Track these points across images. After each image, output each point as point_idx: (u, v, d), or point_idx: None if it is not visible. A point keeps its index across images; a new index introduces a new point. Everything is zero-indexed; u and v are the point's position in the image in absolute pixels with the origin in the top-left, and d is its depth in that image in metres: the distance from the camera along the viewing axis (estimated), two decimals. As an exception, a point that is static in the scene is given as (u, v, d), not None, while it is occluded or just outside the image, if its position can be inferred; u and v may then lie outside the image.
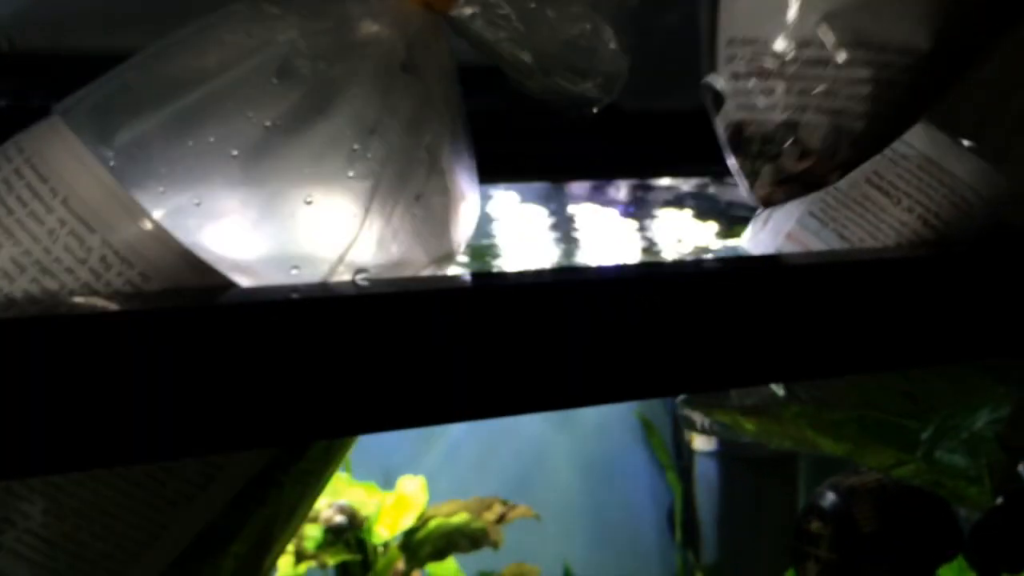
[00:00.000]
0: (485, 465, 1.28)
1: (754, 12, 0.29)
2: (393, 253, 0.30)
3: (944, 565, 0.89)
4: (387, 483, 0.97)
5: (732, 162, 0.28)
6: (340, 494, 0.89)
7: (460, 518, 0.87)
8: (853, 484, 0.84)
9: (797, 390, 0.58)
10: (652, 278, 0.43)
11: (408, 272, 0.32)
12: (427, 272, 0.34)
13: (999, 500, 0.94)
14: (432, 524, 0.87)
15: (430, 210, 0.31)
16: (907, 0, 0.28)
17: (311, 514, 0.85)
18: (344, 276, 0.30)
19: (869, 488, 0.84)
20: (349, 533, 0.84)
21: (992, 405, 0.62)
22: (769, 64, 0.28)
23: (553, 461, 1.37)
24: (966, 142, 0.50)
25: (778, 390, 0.57)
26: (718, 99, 0.29)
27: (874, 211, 0.55)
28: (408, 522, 0.87)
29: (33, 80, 0.58)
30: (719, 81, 0.29)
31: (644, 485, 1.41)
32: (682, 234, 0.87)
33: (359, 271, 0.30)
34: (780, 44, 0.28)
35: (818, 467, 1.25)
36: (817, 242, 0.58)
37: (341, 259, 0.29)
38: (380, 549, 0.88)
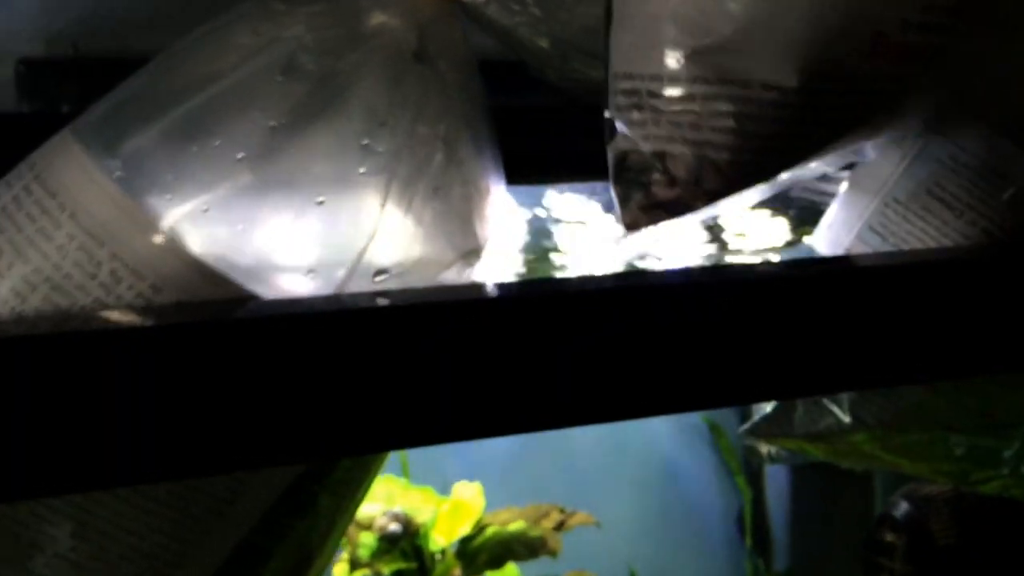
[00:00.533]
0: (547, 470, 1.27)
1: (632, 48, 0.31)
2: (414, 251, 0.29)
3: (1028, 579, 0.86)
4: (445, 488, 0.96)
5: (612, 189, 0.30)
6: (396, 500, 0.89)
7: (517, 525, 0.86)
8: (929, 493, 0.82)
9: (863, 415, 0.56)
10: (709, 283, 0.41)
11: (432, 271, 0.30)
12: (453, 271, 0.33)
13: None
14: (489, 532, 0.87)
15: (450, 204, 0.30)
16: (771, 39, 0.30)
17: (365, 521, 0.85)
18: (363, 279, 0.29)
19: (946, 498, 0.81)
20: (404, 541, 0.84)
21: None
22: (644, 98, 0.30)
23: (618, 466, 1.35)
24: None
25: (843, 417, 0.56)
26: (611, 130, 0.31)
27: (936, 224, 0.53)
28: (465, 529, 0.86)
29: (98, 85, 0.58)
30: (609, 112, 0.31)
31: (712, 490, 1.39)
32: (752, 233, 0.85)
33: (379, 272, 0.29)
34: (653, 79, 0.30)
35: (895, 473, 1.21)
36: (887, 240, 0.56)
37: (358, 261, 0.28)
38: (437, 556, 0.87)
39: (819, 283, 0.44)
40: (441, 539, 0.87)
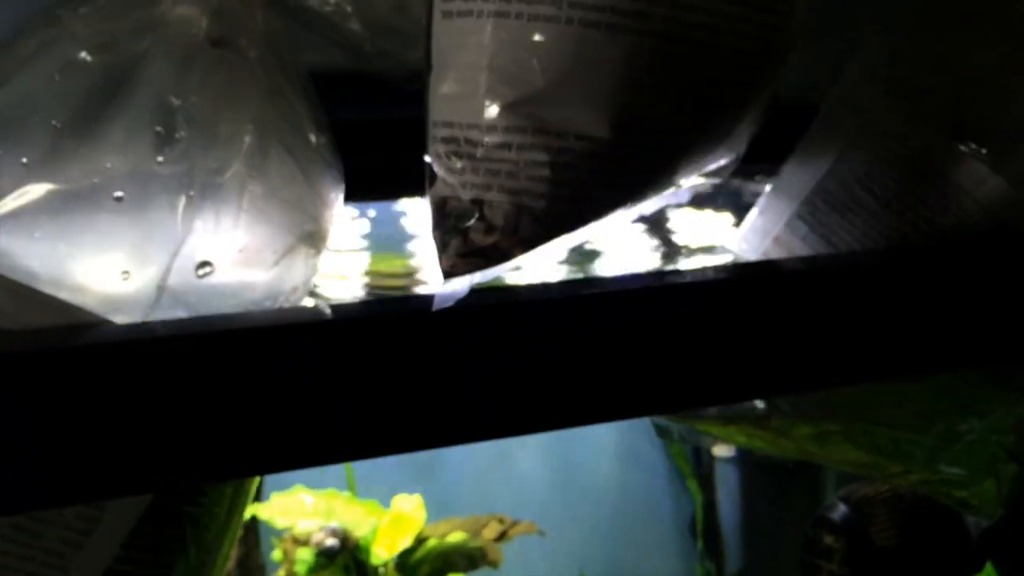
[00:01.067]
0: (496, 481, 1.26)
1: (450, 97, 0.31)
2: (238, 239, 0.28)
3: (969, 577, 0.86)
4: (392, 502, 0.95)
5: (432, 235, 0.31)
6: (339, 514, 0.88)
7: (457, 537, 0.85)
8: (867, 495, 0.82)
9: (779, 402, 0.56)
10: (621, 295, 0.41)
11: (267, 258, 0.30)
12: (299, 259, 0.32)
13: (1028, 507, 0.90)
14: (429, 544, 0.86)
15: (271, 186, 0.29)
16: (584, 91, 0.31)
17: (302, 537, 0.84)
18: (186, 274, 0.27)
19: (884, 499, 0.81)
20: (343, 555, 0.83)
21: (994, 414, 0.60)
22: (463, 146, 0.31)
23: (567, 473, 1.35)
24: (963, 145, 0.48)
25: (758, 402, 0.55)
26: (431, 176, 0.32)
27: (864, 216, 0.52)
28: (406, 542, 0.85)
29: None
30: (428, 159, 0.32)
31: (664, 495, 1.39)
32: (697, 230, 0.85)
33: (203, 265, 0.28)
34: (471, 128, 0.31)
35: (846, 474, 1.22)
36: (803, 247, 0.56)
37: (174, 256, 0.27)
38: (380, 570, 0.86)
39: (752, 286, 0.43)
40: (383, 552, 0.86)
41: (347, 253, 0.64)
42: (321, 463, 0.31)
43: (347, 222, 0.60)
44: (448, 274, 0.30)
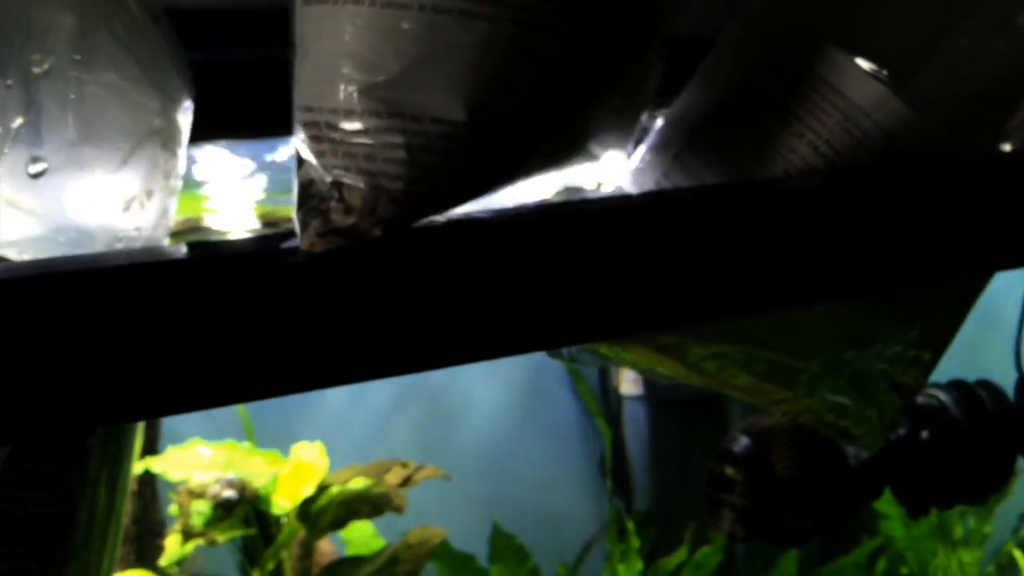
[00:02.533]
0: (400, 423, 1.26)
1: (311, 83, 0.33)
2: (70, 133, 0.27)
3: (867, 504, 0.89)
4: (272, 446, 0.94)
5: (295, 215, 0.32)
6: (237, 465, 0.86)
7: (359, 483, 0.85)
8: (768, 426, 0.83)
9: None
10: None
11: (112, 154, 0.29)
12: (145, 155, 0.31)
13: (924, 436, 0.93)
14: (331, 492, 0.85)
15: (103, 78, 0.28)
16: (440, 75, 0.32)
17: (197, 489, 0.82)
18: (18, 175, 0.27)
19: (784, 430, 0.82)
20: (241, 507, 0.81)
21: (881, 343, 0.61)
22: (323, 130, 0.33)
23: (475, 415, 1.35)
24: (866, 64, 0.48)
25: None
26: (298, 159, 0.33)
27: (763, 135, 0.52)
28: (308, 491, 0.84)
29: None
30: (295, 142, 0.33)
31: (573, 434, 1.40)
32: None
33: (35, 161, 0.27)
34: (331, 112, 0.32)
35: (749, 406, 1.24)
36: (702, 166, 0.55)
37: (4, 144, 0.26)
38: (283, 520, 0.85)
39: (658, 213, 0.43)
40: (285, 502, 0.85)
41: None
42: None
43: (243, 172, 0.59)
44: (308, 251, 0.31)
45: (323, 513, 0.82)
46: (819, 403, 0.63)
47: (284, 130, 0.35)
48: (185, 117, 0.35)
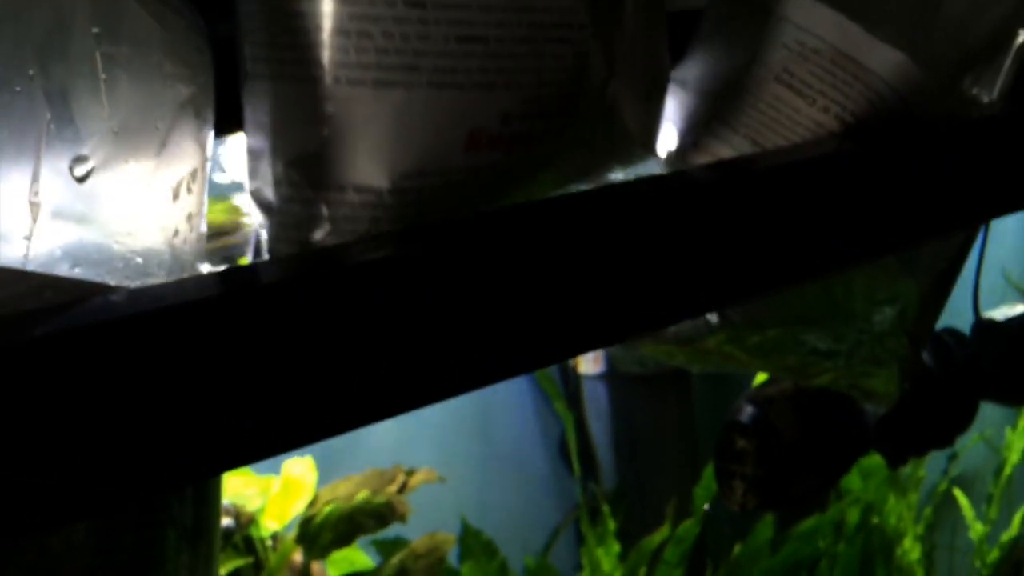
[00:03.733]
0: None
1: (251, 155, 0.35)
2: (109, 116, 0.25)
3: (858, 460, 0.91)
4: (264, 466, 0.90)
5: None
6: (229, 490, 0.82)
7: (361, 495, 0.82)
8: (771, 394, 0.84)
9: (730, 313, 0.56)
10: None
11: (152, 135, 0.27)
12: (184, 131, 0.29)
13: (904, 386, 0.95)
14: (329, 507, 0.82)
15: (130, 46, 0.26)
16: (361, 144, 0.33)
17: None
18: (62, 179, 0.24)
19: (787, 396, 0.83)
20: (237, 534, 0.78)
21: (898, 298, 0.62)
22: (262, 200, 0.35)
23: (427, 413, 1.33)
24: (879, 33, 0.48)
25: (711, 317, 0.56)
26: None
27: (787, 112, 0.53)
28: (298, 508, 0.81)
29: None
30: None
31: (533, 420, 1.40)
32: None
33: (78, 161, 0.25)
34: (265, 184, 0.34)
35: (712, 379, 1.26)
36: (728, 150, 0.55)
37: (38, 159, 0.23)
38: (268, 542, 0.82)
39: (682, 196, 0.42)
40: (273, 523, 0.81)
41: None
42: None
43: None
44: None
45: (322, 531, 0.79)
46: (854, 370, 0.64)
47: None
48: (210, 83, 0.33)
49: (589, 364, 1.32)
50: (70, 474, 0.23)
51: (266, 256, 0.35)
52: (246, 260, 0.46)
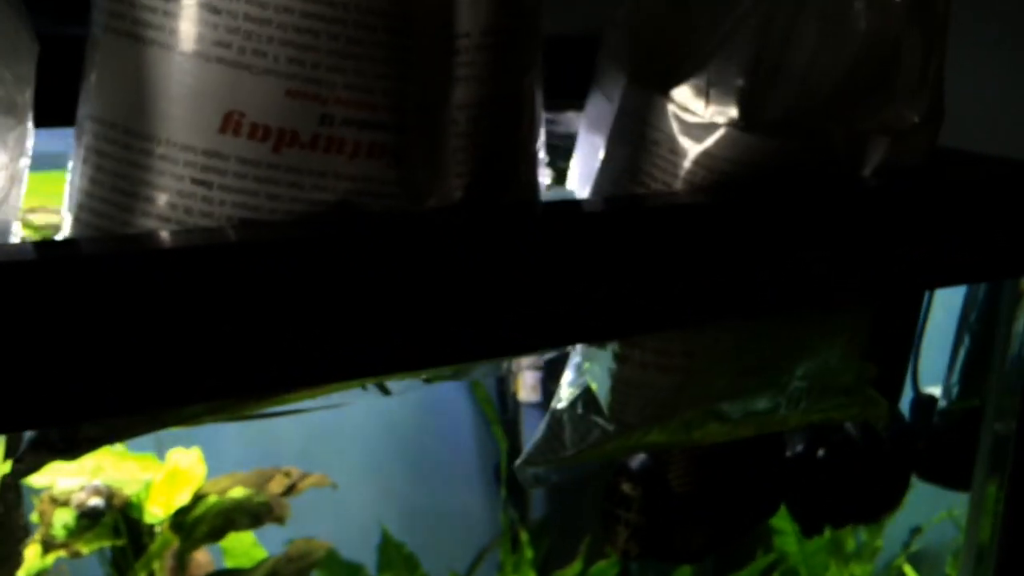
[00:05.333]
0: (286, 428, 1.22)
1: None
2: None
3: (762, 521, 0.89)
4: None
5: None
6: (108, 470, 0.82)
7: (239, 492, 0.82)
8: (671, 442, 0.83)
9: (625, 418, 0.56)
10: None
11: None
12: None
13: (820, 454, 0.94)
14: (208, 501, 0.82)
15: None
16: None
17: (61, 497, 0.78)
18: None
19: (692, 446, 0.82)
20: (109, 515, 0.78)
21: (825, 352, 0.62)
22: None
23: (366, 418, 1.32)
24: (711, 111, 0.48)
25: (607, 425, 0.55)
26: None
27: (657, 155, 0.53)
28: (183, 499, 0.81)
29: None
30: None
31: (469, 441, 1.39)
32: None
33: None
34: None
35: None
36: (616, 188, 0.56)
37: None
38: (157, 530, 0.82)
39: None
40: (159, 511, 0.81)
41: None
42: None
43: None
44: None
45: (199, 523, 0.79)
46: (820, 405, 0.64)
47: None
48: (29, 83, 0.33)
49: (528, 392, 1.31)
50: None
51: None
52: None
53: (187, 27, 0.35)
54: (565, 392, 0.56)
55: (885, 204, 0.54)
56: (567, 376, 0.56)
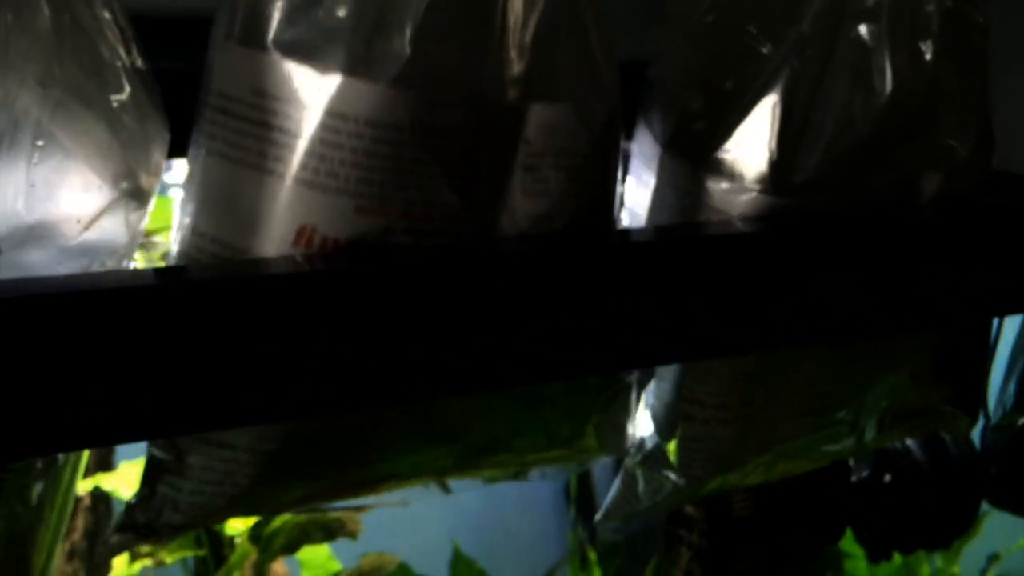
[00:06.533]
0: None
1: None
2: (25, 214, 0.28)
3: (826, 547, 0.89)
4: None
5: None
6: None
7: (314, 508, 0.85)
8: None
9: (693, 471, 0.57)
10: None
11: (71, 227, 0.29)
12: (109, 218, 0.31)
13: (887, 479, 0.93)
14: (285, 515, 0.85)
15: (63, 148, 0.28)
16: None
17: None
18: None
19: (745, 470, 0.83)
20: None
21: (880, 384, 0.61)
22: None
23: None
24: (741, 177, 0.48)
25: (678, 479, 0.57)
26: None
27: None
28: (262, 513, 0.84)
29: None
30: None
31: (539, 459, 1.40)
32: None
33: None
34: None
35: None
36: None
37: None
38: (237, 541, 0.85)
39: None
40: (238, 523, 0.85)
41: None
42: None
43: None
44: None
45: (276, 536, 0.82)
46: (884, 440, 0.64)
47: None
48: (157, 171, 0.36)
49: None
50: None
51: None
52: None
53: (271, 151, 0.38)
54: (634, 448, 0.57)
55: (940, 235, 0.53)
56: (636, 433, 0.57)
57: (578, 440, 0.54)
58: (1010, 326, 0.88)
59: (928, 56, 0.47)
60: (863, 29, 0.46)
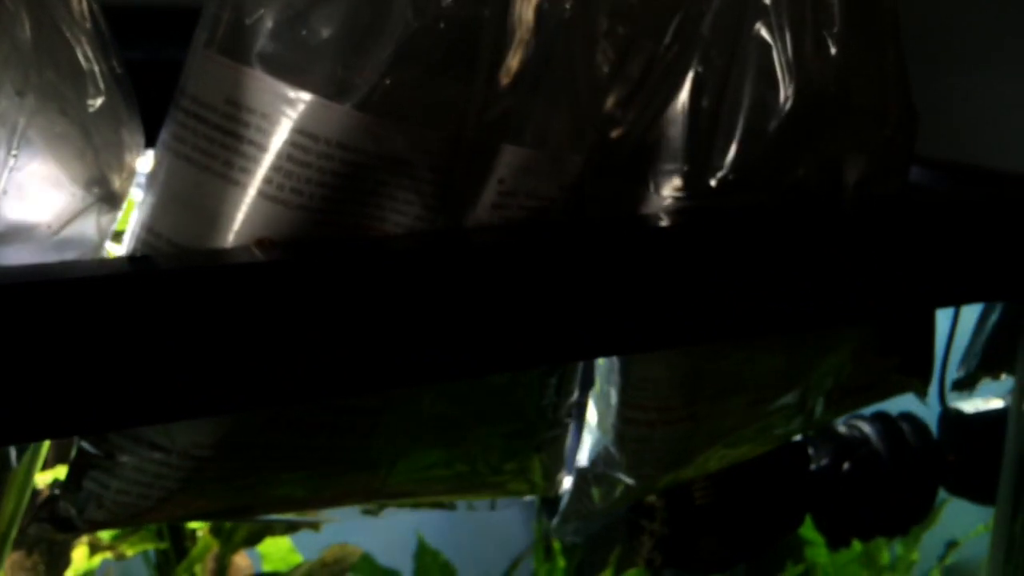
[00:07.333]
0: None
1: None
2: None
3: (787, 534, 0.90)
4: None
5: None
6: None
7: (276, 500, 0.84)
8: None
9: (641, 469, 0.57)
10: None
11: (43, 232, 0.29)
12: (82, 222, 0.31)
13: (845, 467, 0.95)
14: (247, 507, 0.84)
15: (35, 155, 0.28)
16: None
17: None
18: None
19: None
20: (153, 520, 0.81)
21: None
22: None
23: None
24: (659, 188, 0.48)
25: (628, 480, 0.57)
26: None
27: None
28: (223, 505, 0.84)
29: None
30: None
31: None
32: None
33: None
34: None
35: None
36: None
37: None
38: (198, 534, 0.85)
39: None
40: (199, 515, 0.84)
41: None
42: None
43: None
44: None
45: (238, 528, 0.82)
46: (834, 414, 0.64)
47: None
48: (131, 174, 0.35)
49: (562, 400, 1.33)
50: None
51: None
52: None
53: (238, 161, 0.39)
54: (585, 451, 0.57)
55: (884, 223, 0.53)
56: (585, 436, 0.57)
57: (507, 481, 0.55)
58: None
59: (833, 43, 0.47)
60: (763, 25, 0.45)
